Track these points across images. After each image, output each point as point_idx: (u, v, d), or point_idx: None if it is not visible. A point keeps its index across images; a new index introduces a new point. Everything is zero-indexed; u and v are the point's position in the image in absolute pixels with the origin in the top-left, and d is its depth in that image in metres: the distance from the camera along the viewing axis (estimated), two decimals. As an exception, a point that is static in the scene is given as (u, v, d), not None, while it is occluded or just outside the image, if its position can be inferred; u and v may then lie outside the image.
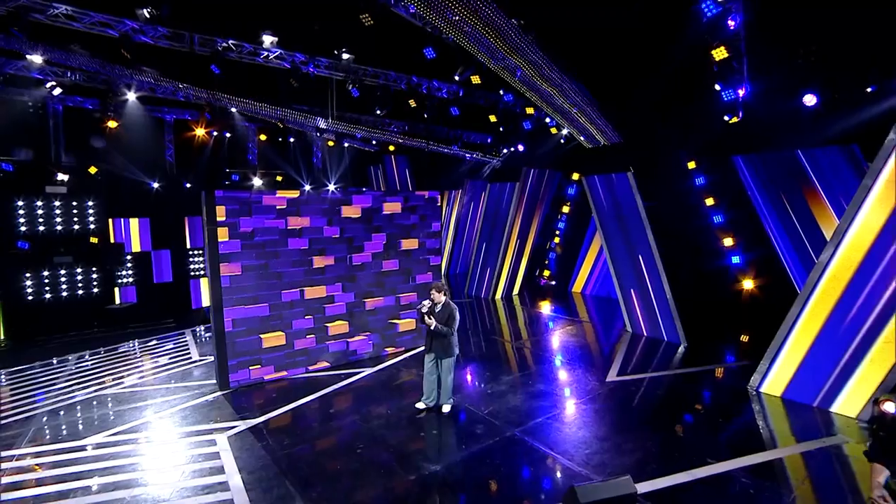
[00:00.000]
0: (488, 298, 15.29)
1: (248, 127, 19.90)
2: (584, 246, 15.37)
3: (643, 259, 10.37)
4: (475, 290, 15.85)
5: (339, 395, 7.83)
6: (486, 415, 6.87)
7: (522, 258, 15.69)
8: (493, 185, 15.88)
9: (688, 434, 6.35)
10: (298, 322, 8.81)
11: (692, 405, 7.32)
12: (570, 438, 6.24)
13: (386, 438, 6.31)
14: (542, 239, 16.38)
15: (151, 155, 16.50)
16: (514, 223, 14.98)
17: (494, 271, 15.29)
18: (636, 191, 10.26)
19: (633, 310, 10.83)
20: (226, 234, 8.11)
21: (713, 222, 11.00)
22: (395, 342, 9.94)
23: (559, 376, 8.50)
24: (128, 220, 14.26)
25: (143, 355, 10.35)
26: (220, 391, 8.07)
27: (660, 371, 8.62)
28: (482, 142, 17.73)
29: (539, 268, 16.92)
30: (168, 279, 14.96)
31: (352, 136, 18.95)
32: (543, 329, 11.65)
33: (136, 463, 5.94)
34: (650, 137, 11.11)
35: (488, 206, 15.92)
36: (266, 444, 6.26)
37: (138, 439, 6.54)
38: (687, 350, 9.56)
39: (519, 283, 15.89)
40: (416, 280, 10.17)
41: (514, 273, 15.63)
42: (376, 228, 9.62)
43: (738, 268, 10.99)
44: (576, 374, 8.49)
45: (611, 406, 7.21)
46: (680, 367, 8.81)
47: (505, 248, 15.07)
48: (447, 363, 6.94)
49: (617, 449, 5.98)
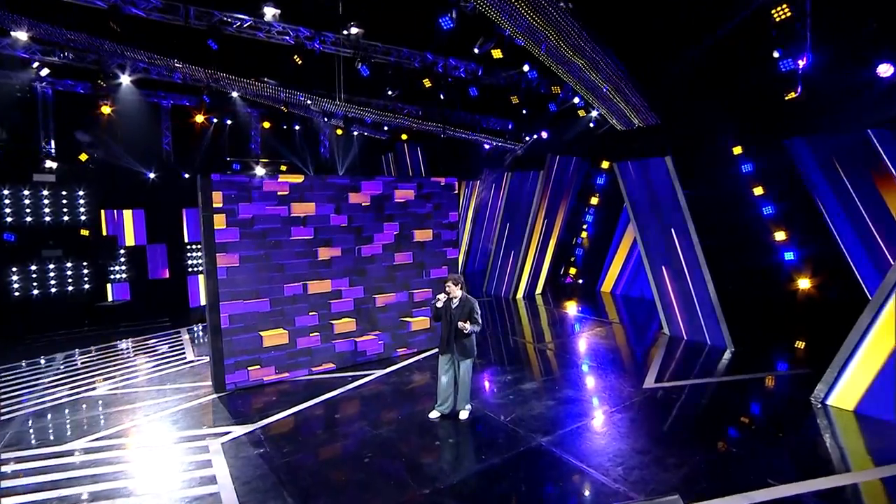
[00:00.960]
0: (509, 298, 15.17)
1: (250, 113, 19.93)
2: (615, 241, 15.14)
3: (683, 254, 10.08)
4: (494, 288, 15.74)
5: (346, 399, 7.71)
6: (507, 422, 6.69)
7: (546, 254, 15.58)
8: (514, 175, 15.71)
9: (742, 450, 5.99)
10: (301, 319, 8.66)
11: (745, 417, 7.00)
12: (604, 450, 5.98)
13: (396, 447, 6.15)
14: (567, 233, 16.25)
15: (147, 142, 16.53)
16: (537, 216, 14.81)
17: (516, 269, 15.17)
18: (675, 177, 9.93)
19: (672, 310, 10.57)
20: (223, 222, 7.97)
21: (763, 214, 10.63)
22: (407, 342, 9.79)
23: (589, 381, 8.31)
24: (121, 211, 14.29)
25: (135, 355, 10.33)
26: (216, 393, 7.98)
27: (704, 378, 8.34)
28: (502, 128, 17.45)
29: (564, 265, 16.79)
30: (164, 275, 14.95)
31: (361, 122, 18.80)
32: (569, 331, 11.53)
33: (121, 471, 5.81)
34: (691, 117, 10.75)
35: (509, 197, 15.77)
36: (264, 451, 6.12)
37: (124, 445, 6.43)
38: (734, 355, 9.28)
39: (542, 281, 15.79)
40: (430, 275, 10.01)
41: (536, 271, 15.52)
42: (388, 217, 9.47)
43: (793, 265, 10.62)
44: (608, 379, 8.28)
45: (649, 415, 6.95)
46: (727, 373, 8.53)
47: (527, 244, 14.93)
48: (465, 365, 6.74)
49: (658, 463, 5.67)
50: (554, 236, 15.53)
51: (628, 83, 9.38)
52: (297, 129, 21.08)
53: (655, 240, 10.60)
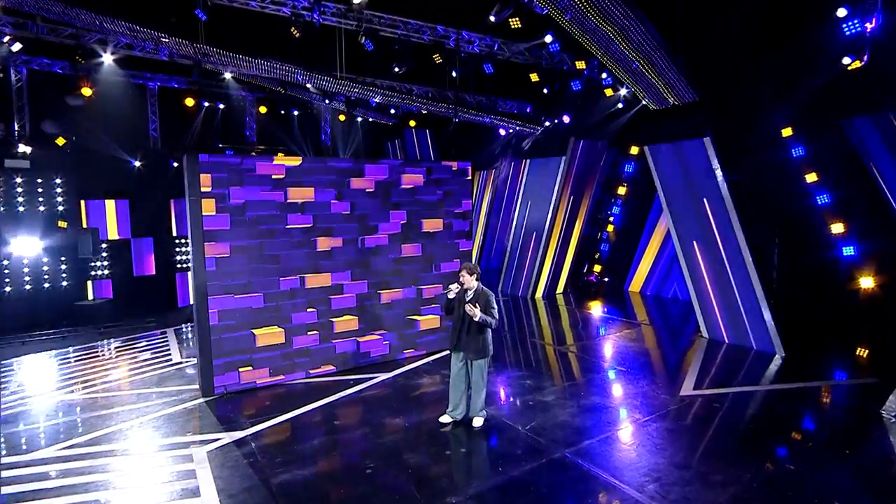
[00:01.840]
0: (527, 297, 15.16)
1: (244, 97, 19.98)
2: (645, 235, 15.04)
3: (724, 248, 9.90)
4: (511, 287, 15.73)
5: (347, 404, 7.64)
6: (527, 431, 6.58)
7: (568, 250, 15.56)
8: (532, 162, 15.63)
9: (801, 467, 5.72)
10: (299, 316, 8.57)
11: (802, 430, 6.79)
12: (638, 464, 5.78)
13: (403, 458, 6.03)
14: (592, 227, 16.23)
15: (132, 128, 16.54)
16: (558, 208, 14.74)
17: (534, 266, 15.16)
18: (715, 161, 9.72)
19: (711, 311, 10.40)
20: (212, 208, 7.85)
21: (817, 203, 10.35)
22: (415, 343, 9.70)
23: (617, 388, 8.20)
24: (103, 201, 14.22)
25: (116, 357, 10.30)
26: (203, 398, 7.90)
27: (749, 385, 8.17)
28: (520, 111, 17.28)
29: (588, 262, 16.76)
30: (150, 272, 14.93)
31: (365, 104, 18.70)
32: (594, 333, 11.53)
33: (94, 482, 5.67)
34: (734, 93, 10.49)
35: (527, 187, 15.70)
36: (254, 460, 5.99)
37: (100, 453, 6.31)
38: (785, 361, 9.10)
39: (564, 279, 15.79)
40: (441, 268, 9.92)
41: (557, 268, 15.49)
42: (394, 205, 9.38)
43: (853, 261, 10.34)
44: (639, 385, 8.16)
45: (688, 426, 6.78)
46: (777, 381, 8.37)
47: (547, 239, 14.90)
48: (480, 365, 6.59)
49: (702, 480, 5.45)
50: (577, 230, 15.47)
51: (662, 54, 9.10)
52: (296, 115, 21.16)
53: (692, 233, 10.44)
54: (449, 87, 15.38)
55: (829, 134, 10.05)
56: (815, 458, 5.93)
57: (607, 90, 14.15)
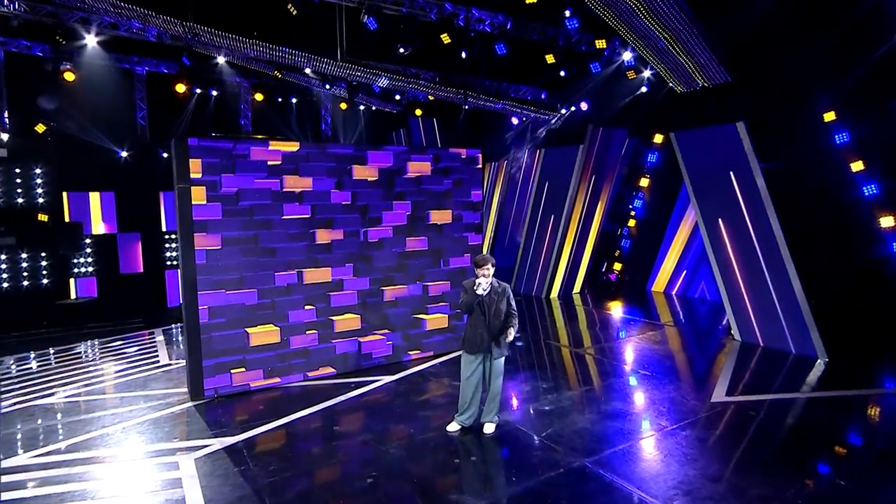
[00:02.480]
0: (542, 297, 15.20)
1: (239, 83, 19.96)
2: (669, 231, 14.97)
3: (759, 244, 9.79)
4: (524, 286, 15.76)
5: (347, 409, 7.60)
6: (542, 438, 6.51)
7: (586, 247, 15.56)
8: (548, 152, 15.57)
9: (852, 481, 5.54)
10: (296, 314, 8.53)
11: (849, 442, 6.60)
12: (666, 475, 5.65)
13: (407, 467, 5.96)
14: (612, 222, 16.17)
15: (118, 115, 16.46)
16: (575, 201, 14.68)
17: (549, 263, 15.15)
18: (749, 148, 9.58)
19: (744, 312, 10.30)
20: (202, 196, 7.81)
21: (864, 195, 10.15)
22: (420, 344, 9.66)
23: (641, 393, 8.11)
24: (87, 193, 14.16)
25: (100, 359, 10.30)
26: (192, 401, 7.89)
27: (789, 392, 8.03)
28: (535, 98, 17.17)
29: (608, 260, 16.72)
30: (137, 269, 14.88)
31: (368, 91, 18.63)
32: (614, 335, 11.54)
33: (72, 491, 5.60)
34: (770, 73, 10.27)
35: (542, 179, 15.65)
36: (246, 468, 5.93)
37: (79, 460, 6.25)
38: (828, 367, 8.94)
39: (581, 278, 15.82)
40: (449, 264, 9.87)
41: (574, 266, 15.50)
42: (398, 195, 9.35)
43: (904, 258, 10.09)
44: (665, 390, 8.07)
45: (721, 434, 6.65)
46: (820, 388, 8.22)
47: (563, 234, 14.86)
48: (500, 364, 6.58)
49: (738, 494, 5.29)
50: (595, 225, 15.40)
51: (692, 30, 8.93)
52: (294, 103, 21.18)
53: (723, 227, 10.34)
54: (458, 70, 15.25)
55: (877, 118, 9.82)
56: (866, 474, 5.74)
57: (629, 72, 14.04)
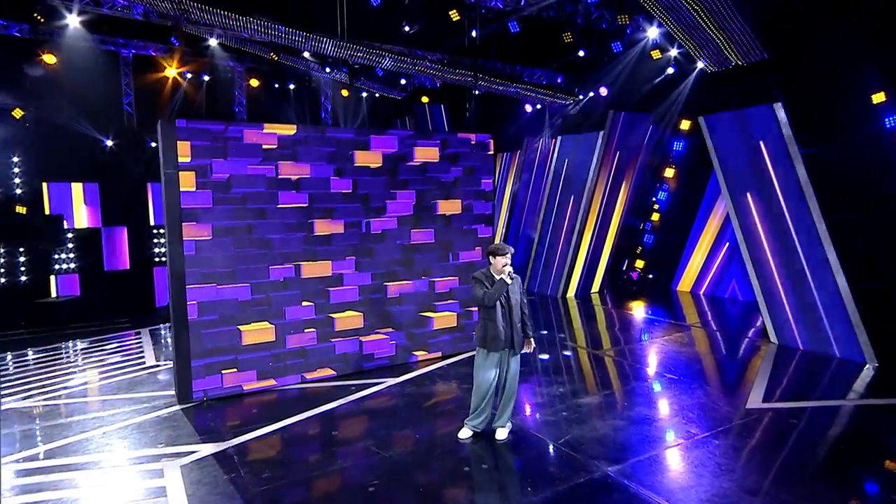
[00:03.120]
0: (557, 297, 15.22)
1: (233, 68, 20.05)
2: (697, 225, 14.91)
3: (798, 237, 9.73)
4: (539, 285, 15.79)
5: (348, 413, 7.61)
6: (560, 445, 6.47)
7: (605, 243, 15.53)
8: (565, 140, 15.52)
9: None
10: (293, 311, 8.53)
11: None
12: (697, 486, 5.55)
13: (412, 475, 5.92)
14: (634, 216, 16.12)
15: (103, 101, 16.55)
16: (594, 193, 14.65)
17: (566, 261, 15.13)
18: (788, 131, 9.48)
19: (781, 312, 10.24)
20: (191, 182, 7.75)
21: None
22: (427, 344, 9.63)
23: (667, 397, 8.06)
24: (68, 184, 14.20)
25: (82, 360, 10.32)
26: (179, 404, 7.87)
27: (834, 399, 7.95)
28: (550, 82, 17.10)
29: (629, 257, 16.70)
30: (124, 266, 14.92)
31: (371, 76, 18.59)
32: (636, 336, 11.58)
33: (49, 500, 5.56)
34: (812, 49, 10.15)
35: (558, 168, 15.61)
36: (236, 476, 5.87)
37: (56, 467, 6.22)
38: (879, 372, 8.85)
39: (600, 277, 15.83)
40: (458, 258, 9.84)
41: (593, 263, 15.49)
42: (403, 183, 9.34)
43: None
44: (694, 395, 8.00)
45: (759, 444, 6.56)
46: (869, 395, 8.13)
47: (581, 229, 14.85)
48: (517, 364, 6.55)
49: (779, 508, 5.22)
50: (616, 220, 15.33)
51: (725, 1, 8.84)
52: (292, 89, 21.40)
53: (758, 220, 10.30)
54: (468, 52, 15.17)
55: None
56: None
57: (654, 52, 13.97)
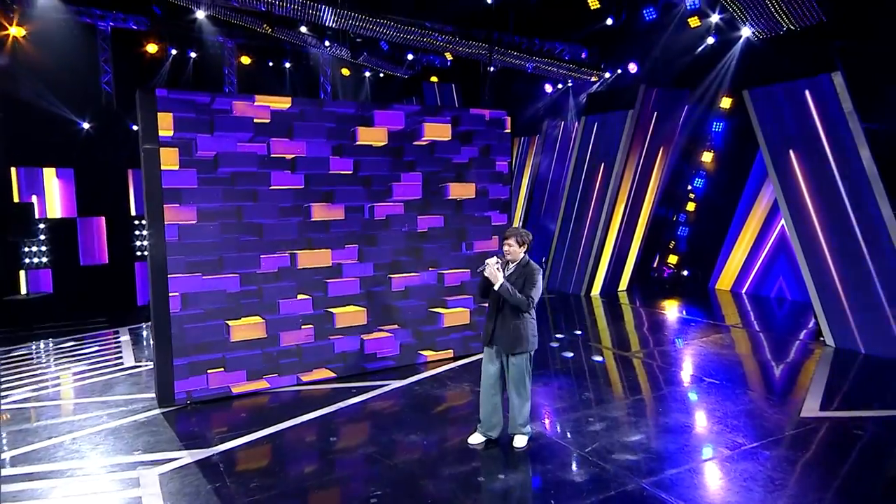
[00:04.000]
0: (580, 295, 15.35)
1: (222, 44, 20.03)
2: (739, 216, 14.93)
3: (860, 228, 9.69)
4: (560, 283, 15.92)
5: (348, 418, 7.62)
6: (587, 454, 6.43)
7: (634, 236, 15.59)
8: (589, 120, 15.50)
9: None
10: (287, 305, 8.51)
11: None
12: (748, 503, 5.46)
13: (419, 485, 5.87)
14: (666, 206, 16.16)
15: (79, 79, 16.56)
16: (621, 180, 14.63)
17: (590, 256, 15.16)
18: (849, 104, 9.38)
19: (839, 312, 10.18)
20: (174, 160, 7.69)
21: None
22: (435, 343, 9.64)
23: (707, 404, 8.04)
24: (40, 169, 14.12)
25: (54, 361, 10.38)
26: (160, 408, 7.84)
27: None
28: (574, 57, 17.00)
29: (661, 251, 16.72)
30: (101, 260, 14.86)
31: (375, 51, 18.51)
32: (669, 337, 11.69)
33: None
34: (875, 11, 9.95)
35: (581, 152, 15.59)
36: (221, 486, 5.81)
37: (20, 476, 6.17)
38: None
39: (628, 273, 15.93)
40: (473, 248, 9.86)
41: (620, 259, 15.56)
42: (409, 165, 9.32)
43: None
44: (739, 402, 7.96)
45: (817, 456, 6.49)
46: None
47: (607, 221, 14.86)
48: (519, 364, 6.37)
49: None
50: (646, 210, 15.39)
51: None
52: (288, 68, 21.51)
53: (812, 209, 10.25)
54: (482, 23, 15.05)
55: None
56: None
57: (692, 18, 13.97)
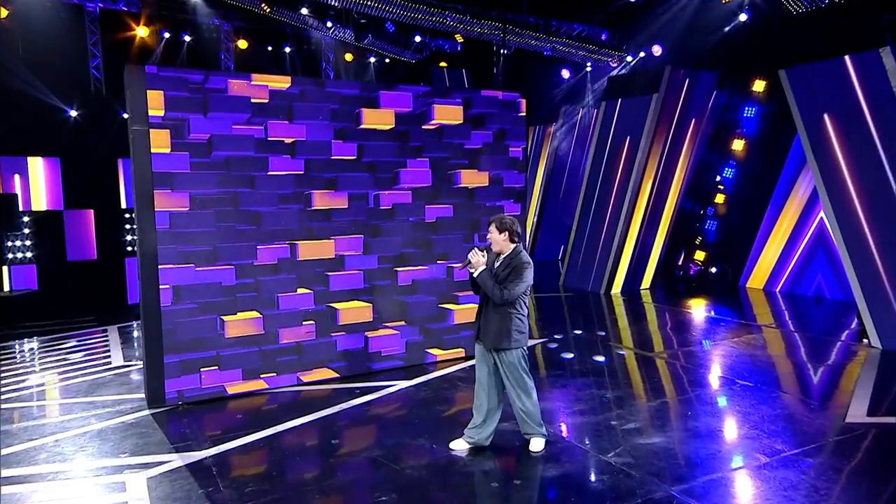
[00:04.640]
0: (600, 293, 15.39)
1: (218, 26, 20.15)
2: (772, 209, 14.86)
3: None
4: (578, 280, 15.99)
5: (351, 420, 7.63)
6: (610, 459, 6.37)
7: (658, 231, 15.65)
8: (609, 105, 15.54)
9: None
10: (287, 300, 8.51)
11: None
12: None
13: (427, 492, 5.83)
14: (693, 199, 16.15)
15: (66, 64, 16.68)
16: (644, 170, 14.61)
17: (610, 251, 15.18)
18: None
19: (887, 311, 10.12)
20: (165, 142, 7.67)
21: None
22: (444, 341, 9.65)
23: (741, 407, 7.97)
24: (24, 159, 14.22)
25: (38, 360, 10.45)
26: (150, 408, 7.84)
27: None
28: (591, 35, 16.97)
29: (687, 247, 16.72)
30: (89, 256, 14.97)
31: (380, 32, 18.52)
32: (697, 338, 11.77)
33: None
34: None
35: (600, 142, 15.64)
36: (214, 490, 5.77)
37: None
38: None
39: (651, 270, 15.99)
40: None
41: (642, 255, 15.60)
42: (417, 150, 9.32)
43: None
44: (776, 406, 7.90)
45: (864, 464, 6.41)
46: None
47: (629, 214, 14.89)
48: (510, 362, 6.27)
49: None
50: (671, 203, 15.43)
51: None
52: (288, 52, 21.68)
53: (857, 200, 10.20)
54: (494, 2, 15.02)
55: None
56: None
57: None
